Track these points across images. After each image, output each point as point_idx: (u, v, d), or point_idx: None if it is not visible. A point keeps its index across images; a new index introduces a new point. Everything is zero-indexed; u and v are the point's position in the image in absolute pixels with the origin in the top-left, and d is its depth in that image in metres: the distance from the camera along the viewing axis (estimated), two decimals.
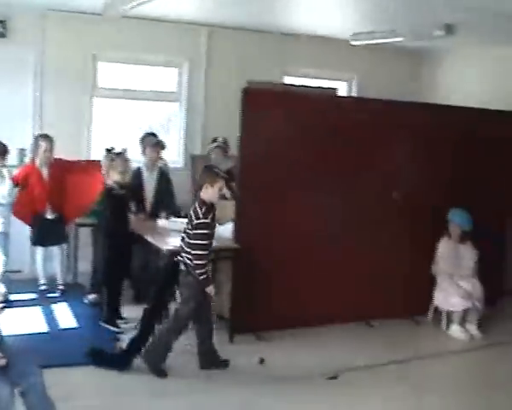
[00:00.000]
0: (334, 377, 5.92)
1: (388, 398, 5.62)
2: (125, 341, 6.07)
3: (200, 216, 5.60)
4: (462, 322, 7.36)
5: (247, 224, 6.74)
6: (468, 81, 9.72)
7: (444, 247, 7.51)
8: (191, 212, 5.70)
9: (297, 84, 9.37)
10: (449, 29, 7.23)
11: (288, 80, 9.57)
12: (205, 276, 5.66)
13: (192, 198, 8.51)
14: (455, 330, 7.33)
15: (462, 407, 5.64)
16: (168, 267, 6.01)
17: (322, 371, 6.01)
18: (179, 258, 5.77)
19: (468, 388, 6.06)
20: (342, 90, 10.09)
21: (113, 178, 6.79)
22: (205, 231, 5.63)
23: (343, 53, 9.50)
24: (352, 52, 9.34)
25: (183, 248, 5.74)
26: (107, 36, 8.50)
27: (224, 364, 6.02)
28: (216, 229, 5.97)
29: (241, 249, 6.63)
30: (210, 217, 5.65)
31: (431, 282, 7.58)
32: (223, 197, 7.53)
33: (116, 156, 7.00)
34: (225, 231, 6.97)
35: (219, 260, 6.86)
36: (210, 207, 5.69)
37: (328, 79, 9.91)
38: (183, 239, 5.76)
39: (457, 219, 7.46)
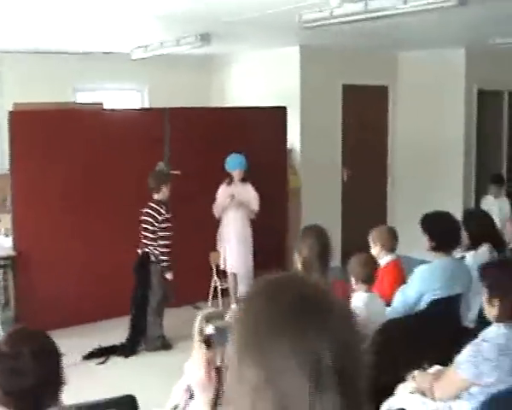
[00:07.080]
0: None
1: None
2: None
3: (164, 213, 6.73)
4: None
5: (22, 233, 7.27)
6: (249, 82, 10.52)
7: (223, 191, 7.69)
8: (151, 212, 6.73)
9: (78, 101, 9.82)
10: (204, 38, 7.89)
11: (81, 97, 10.07)
12: (168, 263, 6.79)
13: None
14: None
15: None
16: (141, 260, 6.85)
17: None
18: (147, 250, 6.80)
19: None
20: (136, 100, 10.72)
21: None
22: (168, 225, 6.76)
23: (133, 65, 9.85)
24: (143, 64, 9.73)
25: (146, 244, 6.79)
26: None
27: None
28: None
29: (16, 257, 7.15)
30: (170, 213, 6.76)
31: (210, 268, 8.21)
32: None
33: None
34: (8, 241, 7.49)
35: (5, 267, 7.44)
36: (166, 205, 6.77)
37: (121, 90, 10.55)
38: (145, 237, 6.78)
39: (236, 165, 7.64)
